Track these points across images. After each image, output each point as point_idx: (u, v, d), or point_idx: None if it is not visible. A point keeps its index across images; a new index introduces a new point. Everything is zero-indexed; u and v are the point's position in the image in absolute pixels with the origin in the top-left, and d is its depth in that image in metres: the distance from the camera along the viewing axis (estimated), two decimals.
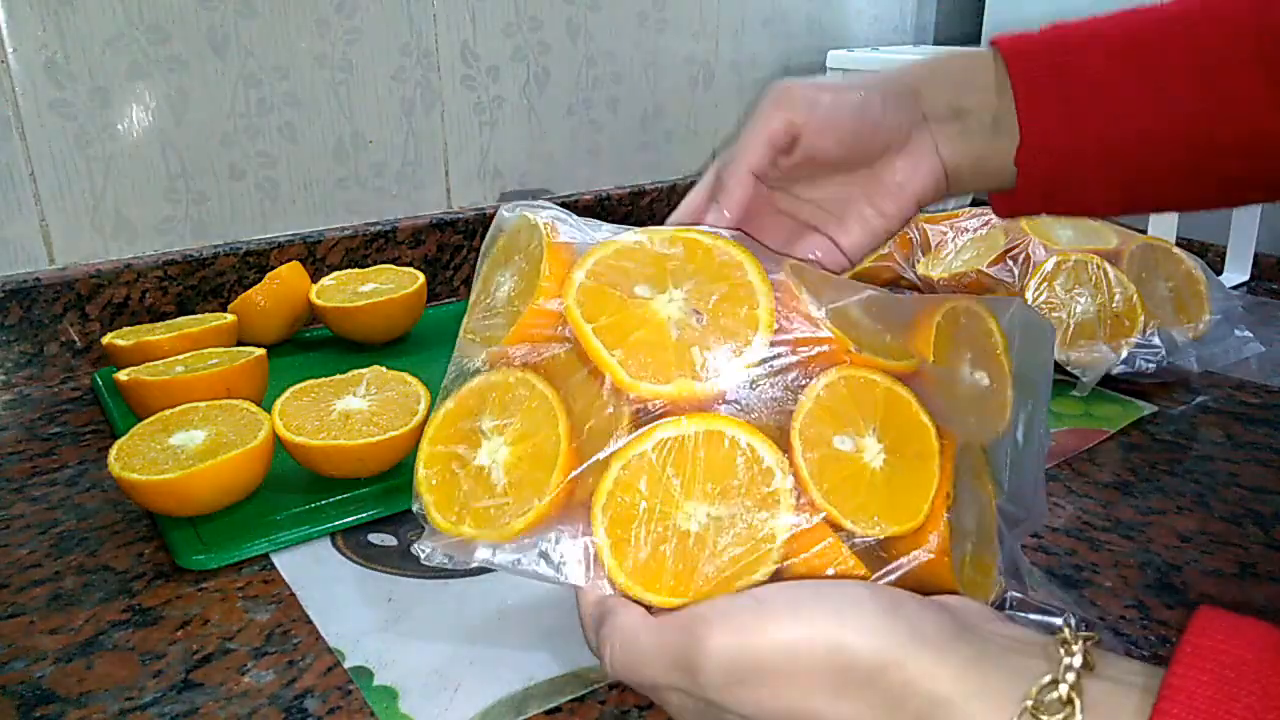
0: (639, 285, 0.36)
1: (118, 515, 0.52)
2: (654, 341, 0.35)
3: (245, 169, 0.79)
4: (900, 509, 0.34)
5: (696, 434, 0.34)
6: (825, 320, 0.36)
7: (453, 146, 0.89)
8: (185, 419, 0.52)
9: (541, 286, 0.37)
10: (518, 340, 0.37)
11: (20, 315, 0.70)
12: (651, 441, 0.34)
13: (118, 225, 0.74)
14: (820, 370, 0.35)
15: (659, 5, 1.00)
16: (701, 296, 0.36)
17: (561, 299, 0.36)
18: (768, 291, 0.36)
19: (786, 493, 0.33)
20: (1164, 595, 0.45)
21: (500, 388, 0.37)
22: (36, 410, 0.66)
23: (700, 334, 0.35)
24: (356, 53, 0.82)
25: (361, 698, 0.39)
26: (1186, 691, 0.25)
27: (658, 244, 0.38)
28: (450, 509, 0.36)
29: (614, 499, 0.34)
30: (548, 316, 0.37)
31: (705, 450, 0.34)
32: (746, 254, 0.37)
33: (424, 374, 0.58)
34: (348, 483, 0.53)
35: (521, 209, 0.40)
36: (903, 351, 0.37)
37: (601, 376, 0.35)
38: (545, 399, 0.36)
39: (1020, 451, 0.39)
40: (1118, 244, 0.72)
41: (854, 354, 0.36)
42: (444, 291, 0.90)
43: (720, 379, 0.34)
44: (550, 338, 0.36)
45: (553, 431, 0.35)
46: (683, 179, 1.06)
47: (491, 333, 0.38)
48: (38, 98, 0.69)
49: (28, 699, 0.39)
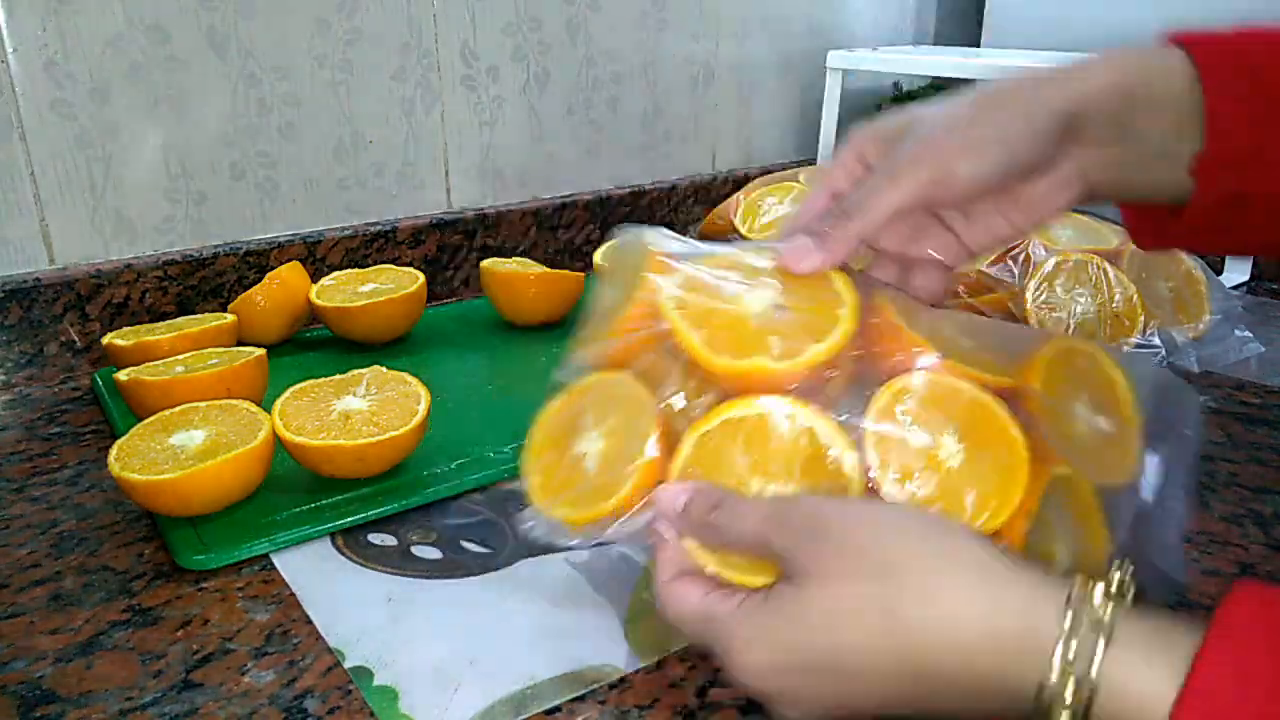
0: (730, 286, 0.39)
1: (118, 515, 0.52)
2: (736, 326, 0.38)
3: (245, 169, 0.79)
4: (972, 509, 0.35)
5: (766, 414, 0.36)
6: (912, 331, 0.38)
7: (453, 146, 0.89)
8: (185, 419, 0.52)
9: (641, 286, 0.40)
10: (618, 335, 0.40)
11: (20, 315, 0.70)
12: (720, 419, 0.37)
13: (118, 225, 0.74)
14: (903, 371, 0.37)
15: (659, 5, 1.00)
16: (788, 296, 0.39)
17: (656, 294, 0.39)
18: (853, 301, 0.38)
19: (855, 480, 0.35)
20: (1164, 594, 0.45)
21: (601, 386, 0.41)
22: (36, 410, 0.66)
23: (782, 325, 0.38)
24: (356, 53, 0.82)
25: (361, 698, 0.39)
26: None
27: (751, 256, 0.41)
28: (549, 492, 0.40)
29: (686, 475, 0.37)
30: (644, 310, 0.39)
31: (774, 431, 0.36)
32: (836, 269, 0.40)
33: (424, 374, 0.58)
34: (348, 483, 0.53)
35: (631, 231, 0.43)
36: (999, 369, 0.38)
37: (692, 374, 0.38)
38: (640, 398, 0.39)
39: (1150, 512, 0.37)
40: (1118, 244, 0.72)
41: (942, 360, 0.37)
42: (444, 291, 0.90)
43: (795, 363, 0.36)
44: (646, 338, 0.39)
45: (643, 427, 0.38)
46: (683, 179, 1.06)
47: (596, 335, 0.42)
48: (38, 98, 0.69)
49: (28, 699, 0.39)
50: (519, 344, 0.76)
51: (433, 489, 0.53)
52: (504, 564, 0.48)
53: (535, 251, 0.95)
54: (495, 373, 0.71)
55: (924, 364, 0.37)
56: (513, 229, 0.93)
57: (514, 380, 0.70)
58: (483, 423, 0.61)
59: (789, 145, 1.18)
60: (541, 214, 0.94)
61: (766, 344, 0.37)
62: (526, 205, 0.94)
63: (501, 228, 0.92)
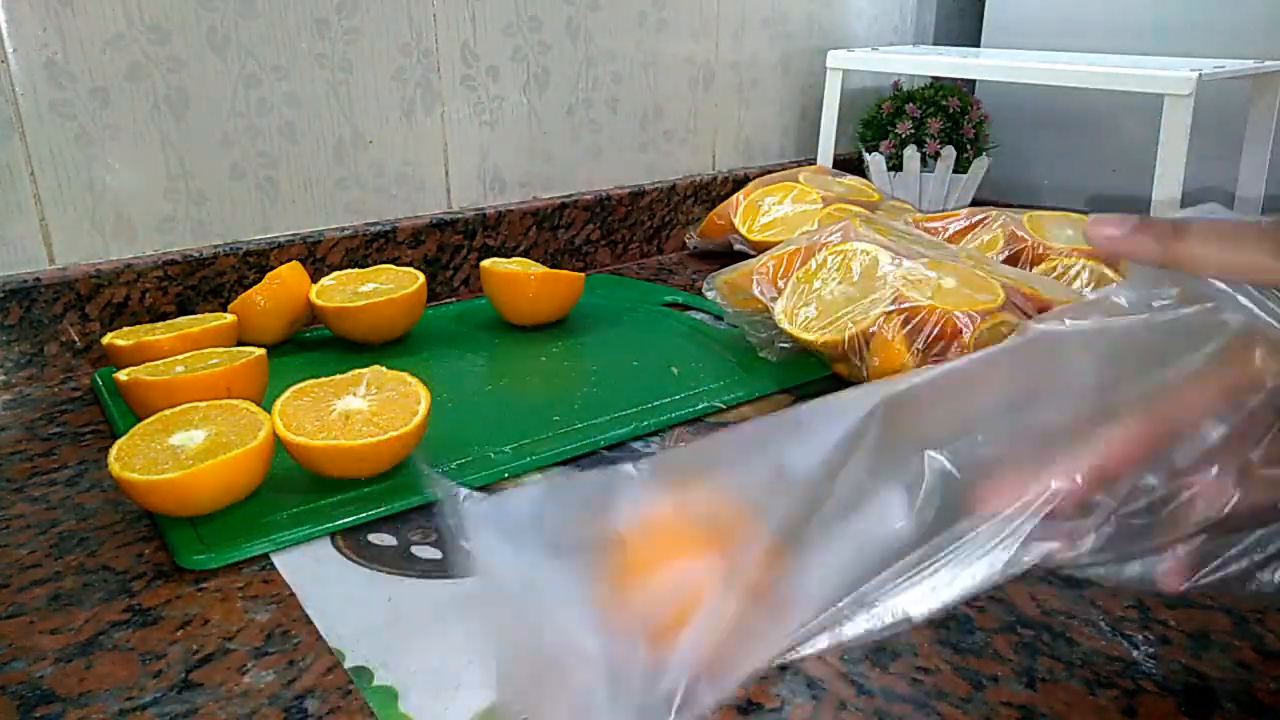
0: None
1: (118, 515, 0.52)
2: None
3: (245, 169, 0.79)
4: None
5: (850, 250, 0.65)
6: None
7: (453, 146, 0.89)
8: (185, 419, 0.52)
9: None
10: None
11: (20, 315, 0.70)
12: (829, 252, 0.66)
13: (118, 225, 0.74)
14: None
15: (659, 5, 1.00)
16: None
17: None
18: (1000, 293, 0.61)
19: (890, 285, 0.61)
20: (1164, 595, 0.45)
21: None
22: (36, 410, 0.66)
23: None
24: (356, 53, 0.82)
25: (361, 698, 0.39)
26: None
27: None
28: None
29: (800, 280, 0.66)
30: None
31: (847, 260, 0.64)
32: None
33: (424, 374, 0.58)
34: (348, 483, 0.53)
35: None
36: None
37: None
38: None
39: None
40: None
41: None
42: (444, 291, 0.90)
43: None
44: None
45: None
46: (683, 179, 1.06)
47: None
48: (38, 98, 0.69)
49: (28, 699, 0.39)
50: (519, 344, 0.76)
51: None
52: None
53: (535, 252, 0.95)
54: (495, 373, 0.71)
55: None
56: (513, 229, 0.93)
57: (514, 380, 0.70)
58: (483, 423, 0.62)
59: (789, 145, 1.18)
60: (541, 214, 0.95)
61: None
62: (526, 205, 0.94)
63: (501, 228, 0.92)
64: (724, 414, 0.64)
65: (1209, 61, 0.91)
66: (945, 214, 0.81)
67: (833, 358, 0.64)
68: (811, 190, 0.92)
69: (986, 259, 0.67)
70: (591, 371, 0.70)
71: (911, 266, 0.61)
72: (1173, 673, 0.40)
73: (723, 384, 0.67)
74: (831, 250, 0.65)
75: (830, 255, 0.65)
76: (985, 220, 0.78)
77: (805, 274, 0.66)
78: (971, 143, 1.10)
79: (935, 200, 1.11)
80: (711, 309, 0.81)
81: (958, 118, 1.09)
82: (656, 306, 0.85)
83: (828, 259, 0.65)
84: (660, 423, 0.61)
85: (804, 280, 0.65)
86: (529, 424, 0.61)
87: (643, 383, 0.67)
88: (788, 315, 0.64)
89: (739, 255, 0.94)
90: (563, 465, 0.57)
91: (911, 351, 0.58)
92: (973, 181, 1.12)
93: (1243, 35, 1.00)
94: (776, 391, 0.67)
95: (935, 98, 1.10)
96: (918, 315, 0.59)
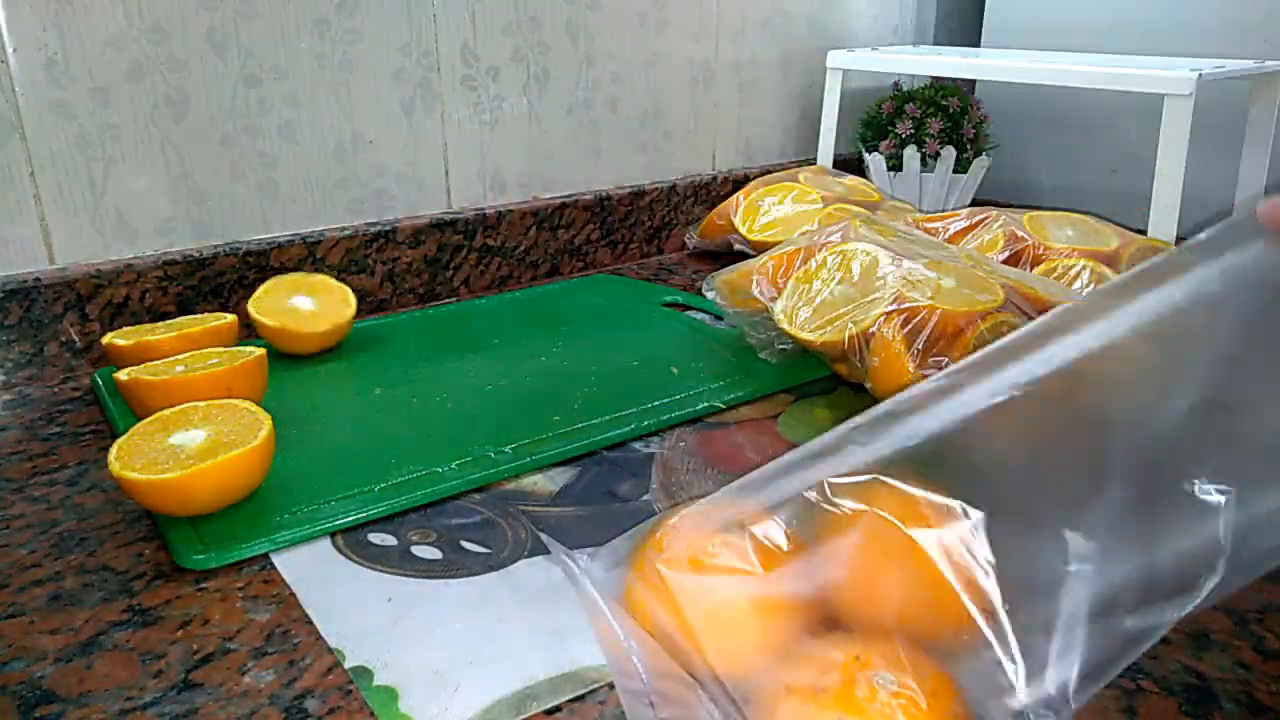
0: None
1: (118, 515, 0.52)
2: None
3: (245, 169, 0.79)
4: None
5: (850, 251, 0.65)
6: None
7: (453, 146, 0.89)
8: (185, 419, 0.52)
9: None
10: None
11: (20, 315, 0.70)
12: (829, 252, 0.66)
13: (118, 225, 0.74)
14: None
15: (659, 5, 1.00)
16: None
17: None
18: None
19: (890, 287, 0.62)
20: None
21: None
22: (36, 410, 0.66)
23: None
24: (356, 53, 0.82)
25: (361, 698, 0.39)
26: None
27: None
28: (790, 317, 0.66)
29: (799, 281, 0.66)
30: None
31: (847, 260, 0.64)
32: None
33: (424, 373, 0.58)
34: (348, 483, 0.53)
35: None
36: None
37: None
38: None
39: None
40: (1118, 245, 0.72)
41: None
42: (444, 291, 0.90)
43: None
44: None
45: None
46: (683, 179, 1.06)
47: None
48: (38, 98, 0.69)
49: (28, 699, 0.39)
50: (519, 344, 0.76)
51: (433, 489, 0.53)
52: (504, 564, 0.48)
53: (535, 251, 0.95)
54: (495, 373, 0.71)
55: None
56: (513, 229, 0.93)
57: (514, 380, 0.70)
58: (483, 423, 0.62)
59: (789, 145, 1.18)
60: (541, 214, 0.95)
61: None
62: (526, 205, 0.94)
63: (501, 228, 0.92)
64: (724, 414, 0.64)
65: (1209, 61, 0.91)
66: (945, 214, 0.81)
67: (832, 358, 0.64)
68: (811, 190, 0.92)
69: (986, 259, 0.67)
70: (591, 371, 0.70)
71: (911, 267, 0.61)
72: (1172, 673, 0.40)
73: (723, 384, 0.67)
74: (831, 250, 0.65)
75: (830, 255, 0.65)
76: (985, 220, 0.78)
77: (805, 274, 0.66)
78: (971, 143, 1.10)
79: (935, 200, 1.11)
80: (711, 309, 0.81)
81: (958, 118, 1.09)
82: (656, 306, 0.85)
83: (828, 259, 0.65)
84: (660, 423, 0.61)
85: (804, 280, 0.65)
86: (529, 424, 0.61)
87: (643, 383, 0.67)
88: (787, 315, 0.64)
89: (739, 255, 0.94)
90: (563, 465, 0.57)
91: (911, 352, 0.58)
92: (973, 181, 1.12)
93: (1243, 35, 1.00)
94: (776, 391, 0.67)
95: (935, 98, 1.10)
96: (918, 315, 0.59)
